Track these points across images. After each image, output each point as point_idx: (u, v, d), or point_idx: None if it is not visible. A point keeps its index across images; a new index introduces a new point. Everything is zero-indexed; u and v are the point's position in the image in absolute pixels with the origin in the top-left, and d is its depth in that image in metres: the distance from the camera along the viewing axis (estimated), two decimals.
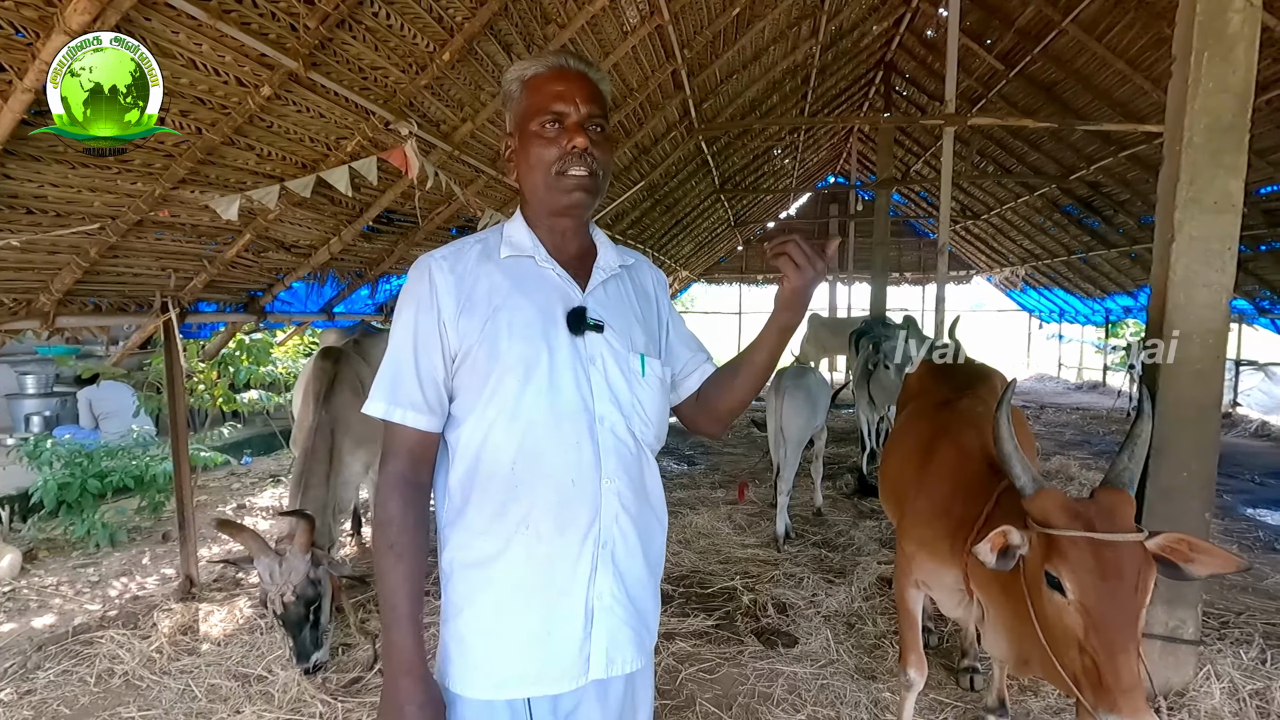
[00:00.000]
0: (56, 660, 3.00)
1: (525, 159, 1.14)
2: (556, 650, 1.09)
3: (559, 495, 1.08)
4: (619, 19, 4.24)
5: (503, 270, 1.14)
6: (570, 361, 1.10)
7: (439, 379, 1.10)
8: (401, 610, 1.06)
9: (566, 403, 1.09)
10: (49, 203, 2.54)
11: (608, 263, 1.22)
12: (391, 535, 1.07)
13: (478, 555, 1.09)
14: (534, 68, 1.15)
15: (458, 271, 1.12)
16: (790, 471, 4.45)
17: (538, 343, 1.09)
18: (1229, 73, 2.57)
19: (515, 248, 1.16)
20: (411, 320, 1.10)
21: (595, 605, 1.11)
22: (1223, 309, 2.65)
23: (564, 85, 1.12)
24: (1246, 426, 8.73)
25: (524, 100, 1.15)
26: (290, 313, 4.68)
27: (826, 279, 11.62)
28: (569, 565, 1.09)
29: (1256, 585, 3.83)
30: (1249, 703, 2.63)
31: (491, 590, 1.09)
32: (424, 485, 1.12)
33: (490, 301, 1.10)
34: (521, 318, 1.10)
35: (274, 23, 2.48)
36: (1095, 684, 1.38)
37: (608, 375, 1.13)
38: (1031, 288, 14.66)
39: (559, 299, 1.14)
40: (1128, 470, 1.59)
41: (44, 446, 4.61)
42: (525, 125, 1.14)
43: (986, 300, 19.09)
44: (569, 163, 1.11)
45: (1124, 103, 6.81)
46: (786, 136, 10.77)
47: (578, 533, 1.09)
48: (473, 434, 1.09)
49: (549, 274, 1.15)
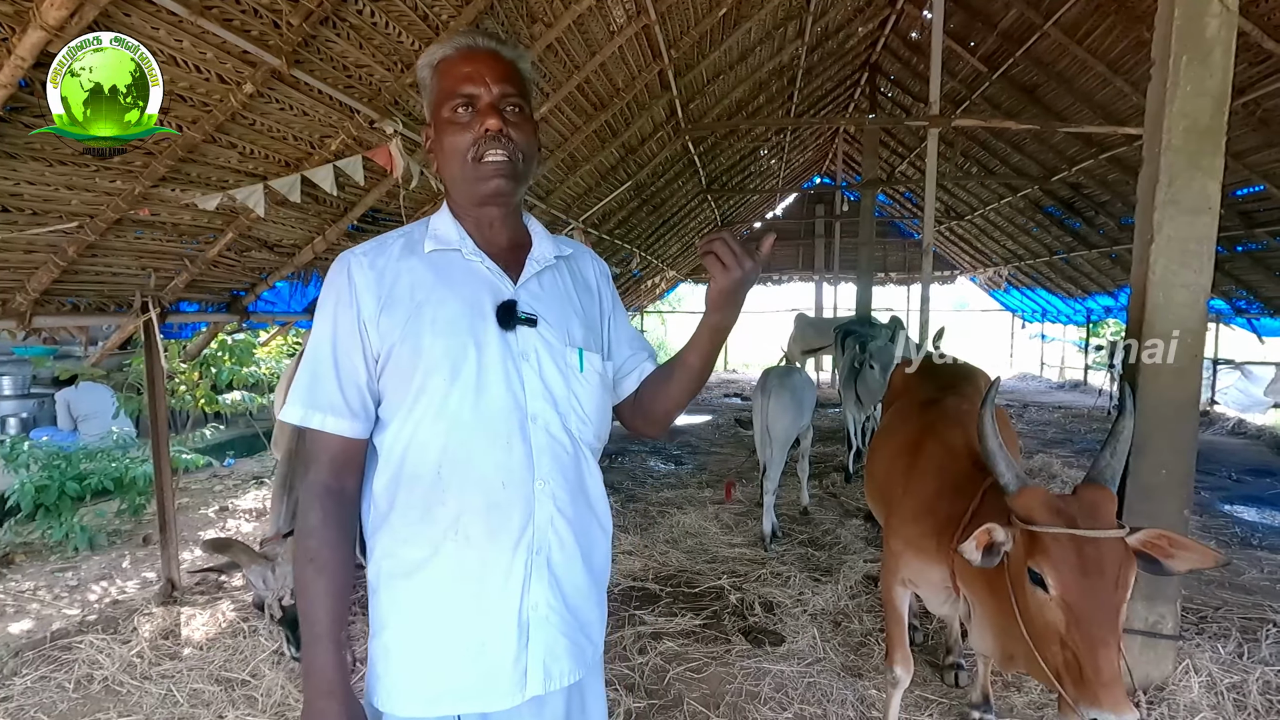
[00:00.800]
0: (34, 666, 2.95)
1: (441, 148, 1.09)
2: (491, 664, 1.03)
3: (489, 499, 1.02)
4: (606, 18, 4.23)
5: (427, 264, 1.08)
6: (500, 358, 1.04)
7: (361, 381, 1.04)
8: (321, 627, 1.00)
9: (496, 401, 1.03)
10: (25, 200, 2.50)
11: (542, 254, 1.16)
12: (312, 548, 1.01)
13: (405, 564, 1.04)
14: (443, 50, 1.09)
15: (378, 267, 1.06)
16: (777, 471, 4.47)
17: (464, 338, 1.03)
18: (1206, 76, 2.61)
19: (440, 241, 1.10)
20: (330, 320, 1.04)
21: (530, 615, 1.04)
22: (1200, 309, 2.69)
23: (473, 66, 1.06)
24: (1224, 424, 8.89)
25: (435, 86, 1.09)
26: (274, 313, 4.63)
27: (761, 280, 11.57)
28: (501, 572, 1.03)
29: (1234, 580, 3.90)
30: (1226, 696, 2.67)
31: (420, 600, 1.03)
32: (349, 494, 1.06)
33: (413, 297, 1.05)
34: (446, 313, 1.04)
35: (256, 19, 2.46)
36: (1076, 678, 1.40)
37: (542, 371, 1.07)
38: (1014, 288, 14.83)
39: (488, 292, 1.08)
40: (1110, 467, 1.61)
41: (21, 449, 4.53)
42: (438, 112, 1.08)
43: (970, 300, 19.30)
44: (484, 147, 1.04)
45: (1105, 105, 6.91)
46: (773, 137, 10.82)
47: (510, 538, 1.03)
48: (397, 436, 1.03)
49: (477, 267, 1.09)
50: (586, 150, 5.85)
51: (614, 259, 9.73)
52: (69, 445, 5.02)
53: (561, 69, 4.39)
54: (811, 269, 17.09)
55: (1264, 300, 8.36)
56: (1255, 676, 2.76)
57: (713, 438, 8.23)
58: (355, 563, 1.08)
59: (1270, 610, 3.43)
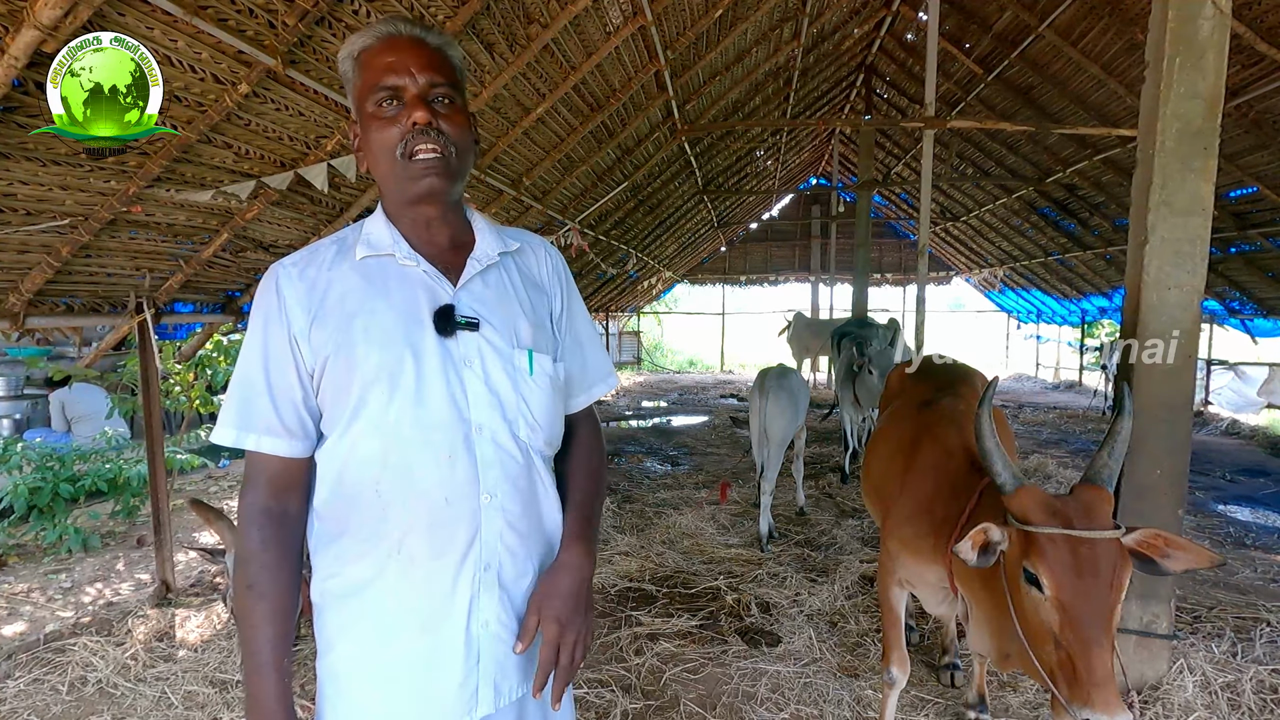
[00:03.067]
0: (27, 669, 2.93)
1: (368, 145, 1.02)
2: (439, 686, 0.99)
3: (432, 516, 0.98)
4: (602, 19, 4.24)
5: (359, 272, 1.03)
6: (440, 366, 0.99)
7: (297, 399, 0.99)
8: (262, 656, 0.96)
9: (435, 412, 0.98)
10: (19, 200, 2.49)
11: (485, 251, 1.09)
12: (251, 573, 0.97)
13: (349, 583, 1.00)
14: (363, 40, 1.03)
15: (308, 278, 1.01)
16: (773, 471, 4.47)
17: (399, 348, 0.98)
18: (1199, 78, 2.62)
19: (373, 246, 1.04)
20: (260, 337, 1.00)
21: (480, 633, 1.00)
22: (1194, 309, 2.71)
23: (396, 55, 0.99)
24: (1217, 425, 8.92)
25: (358, 79, 1.03)
26: None
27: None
28: (447, 591, 0.99)
29: (1227, 580, 3.92)
30: (1220, 695, 2.68)
31: (365, 621, 0.99)
32: (290, 516, 1.02)
33: (344, 308, 0.99)
34: (379, 322, 0.99)
35: (252, 19, 2.45)
36: (1070, 678, 1.41)
37: (488, 377, 1.02)
38: (1010, 289, 14.90)
39: (425, 297, 1.02)
40: (1107, 467, 1.60)
41: (14, 450, 4.51)
42: (363, 106, 1.02)
43: (966, 301, 19.37)
44: (413, 143, 0.98)
45: (1099, 107, 6.94)
46: (769, 138, 10.83)
47: (455, 555, 0.99)
48: (334, 453, 0.99)
49: (413, 271, 1.03)
50: (583, 151, 5.85)
51: (610, 260, 9.74)
52: (63, 446, 5.00)
53: (558, 70, 4.39)
54: (807, 270, 17.13)
55: (1257, 301, 8.41)
56: (1249, 676, 2.77)
57: (709, 438, 8.24)
58: (302, 580, 1.04)
59: (1264, 610, 3.45)
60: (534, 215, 6.22)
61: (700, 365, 19.19)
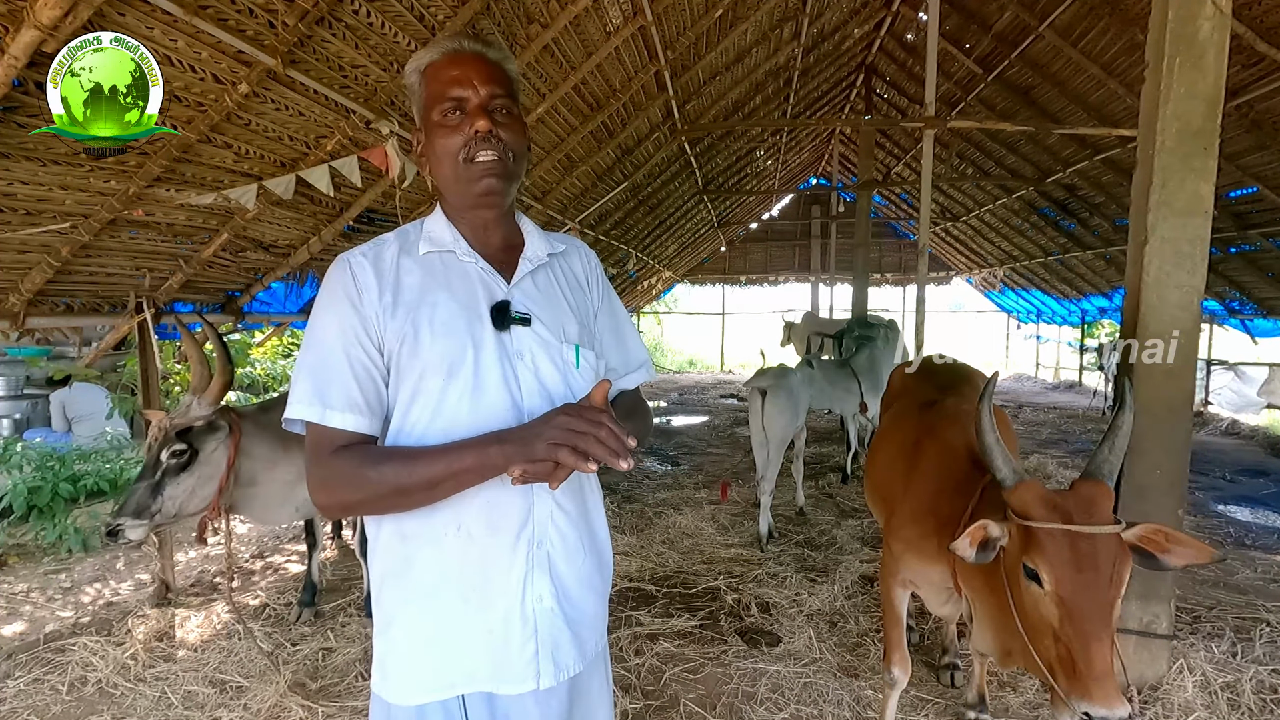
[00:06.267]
0: (27, 669, 2.93)
1: (432, 151, 1.10)
2: (502, 649, 1.05)
3: (488, 496, 1.03)
4: (602, 19, 4.24)
5: (422, 266, 1.10)
6: (497, 358, 1.06)
7: (376, 376, 1.04)
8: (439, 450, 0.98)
9: (493, 401, 1.05)
10: (19, 200, 2.49)
11: (535, 253, 1.17)
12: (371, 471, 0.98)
13: (408, 560, 1.06)
14: (429, 55, 1.11)
15: (379, 268, 1.08)
16: (773, 471, 4.47)
17: (462, 339, 1.05)
18: (1199, 78, 2.62)
19: (434, 243, 1.12)
20: (335, 318, 1.04)
21: (535, 608, 1.07)
22: (1194, 310, 2.71)
23: (460, 69, 1.08)
24: (1217, 425, 8.92)
25: (424, 90, 1.11)
26: (269, 313, 4.61)
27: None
28: (504, 566, 1.05)
29: (1227, 580, 3.92)
30: (1220, 695, 2.68)
31: (425, 594, 1.05)
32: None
33: (410, 299, 1.06)
34: (443, 314, 1.06)
35: (252, 19, 2.45)
36: (1069, 672, 1.41)
37: (538, 370, 1.09)
38: (1010, 289, 14.89)
39: (483, 293, 1.10)
40: (1107, 462, 1.60)
41: (14, 450, 4.51)
42: (428, 116, 1.10)
43: (966, 301, 19.37)
44: (475, 149, 1.06)
45: (1098, 107, 6.94)
46: (769, 138, 10.84)
47: (510, 533, 1.05)
48: (395, 436, 1.05)
49: (471, 268, 1.11)
50: (583, 151, 5.85)
51: (610, 259, 9.74)
52: (63, 446, 5.00)
53: (558, 70, 4.39)
54: (807, 270, 17.13)
55: (1257, 301, 8.41)
56: (1249, 676, 2.77)
57: (709, 438, 8.24)
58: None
59: (1264, 610, 3.45)
60: (534, 215, 6.22)
61: (700, 365, 19.19)
